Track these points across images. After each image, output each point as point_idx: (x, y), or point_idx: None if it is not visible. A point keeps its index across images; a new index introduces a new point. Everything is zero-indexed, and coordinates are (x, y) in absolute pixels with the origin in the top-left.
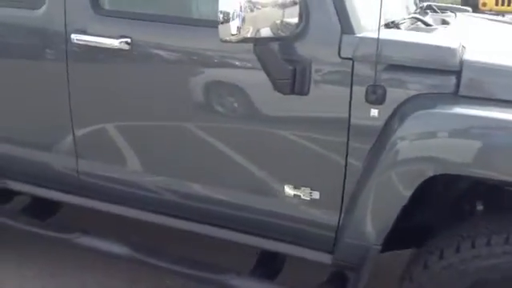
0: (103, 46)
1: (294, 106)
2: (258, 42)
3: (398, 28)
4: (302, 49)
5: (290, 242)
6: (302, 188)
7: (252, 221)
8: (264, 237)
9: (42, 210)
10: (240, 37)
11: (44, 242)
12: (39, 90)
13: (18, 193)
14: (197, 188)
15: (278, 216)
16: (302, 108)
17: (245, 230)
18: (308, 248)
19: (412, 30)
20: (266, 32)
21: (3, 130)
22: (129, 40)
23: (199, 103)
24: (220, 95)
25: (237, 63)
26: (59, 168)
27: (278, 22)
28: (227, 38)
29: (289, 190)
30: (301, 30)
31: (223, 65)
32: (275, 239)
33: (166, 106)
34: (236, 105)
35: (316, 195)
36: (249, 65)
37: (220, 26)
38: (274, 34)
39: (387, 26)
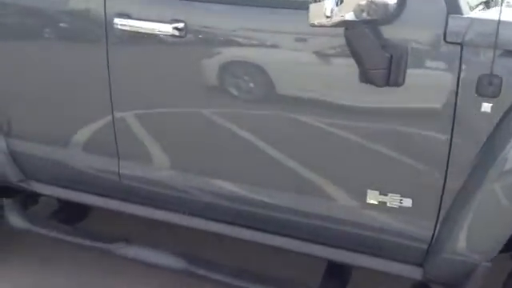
0: (152, 31)
1: (383, 98)
2: (352, 25)
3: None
4: (398, 33)
5: (371, 254)
6: (390, 195)
7: (326, 231)
8: (339, 248)
9: (70, 215)
10: (336, 20)
11: (68, 246)
12: (75, 82)
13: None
14: (262, 194)
15: (358, 226)
16: (393, 101)
17: (316, 240)
18: (391, 261)
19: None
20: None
21: (31, 127)
22: (182, 25)
23: (266, 96)
24: (294, 87)
25: (317, 49)
26: (98, 170)
27: (365, 2)
28: (319, 22)
29: (372, 197)
30: (397, 11)
31: (299, 52)
32: (353, 251)
33: (226, 100)
34: (313, 98)
35: (407, 203)
36: (331, 52)
37: (311, 7)
38: (356, 16)
39: (487, 5)
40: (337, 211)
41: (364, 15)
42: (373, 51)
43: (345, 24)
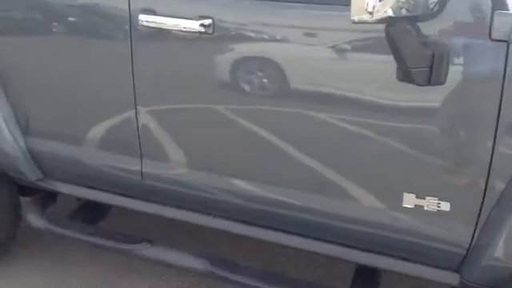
0: (178, 28)
1: (421, 97)
2: (395, 22)
3: None
4: (440, 30)
5: (404, 259)
6: (427, 198)
7: (358, 234)
8: (371, 252)
9: (89, 214)
10: (378, 16)
11: (84, 244)
12: (97, 79)
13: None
14: (292, 196)
15: (392, 229)
16: (433, 100)
17: (347, 243)
18: (426, 266)
19: None
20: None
21: (51, 125)
22: (210, 21)
23: (296, 94)
24: (328, 85)
25: (355, 46)
26: (119, 169)
27: None
28: (360, 18)
29: (409, 200)
30: (439, 7)
31: (333, 49)
32: (385, 255)
33: (254, 99)
34: (349, 96)
35: (445, 207)
36: (367, 48)
37: (353, 2)
38: (395, 13)
39: None
40: (370, 214)
41: (403, 12)
42: (415, 49)
43: (388, 20)
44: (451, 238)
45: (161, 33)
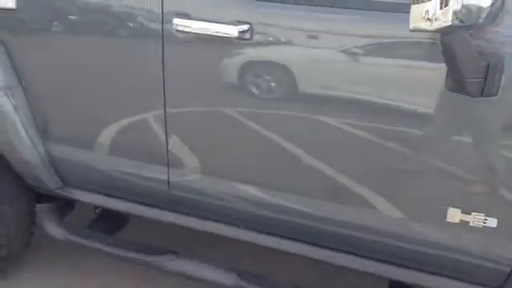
0: (215, 33)
1: (471, 109)
2: (454, 31)
3: None
4: (494, 39)
5: (444, 276)
6: (473, 213)
7: (399, 250)
8: (410, 268)
9: (108, 223)
10: (438, 24)
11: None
12: (125, 84)
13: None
14: (328, 209)
15: (434, 245)
16: (483, 112)
17: (386, 259)
18: (467, 283)
19: None
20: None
21: (72, 131)
22: (247, 26)
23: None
24: (369, 93)
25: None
26: (145, 178)
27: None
28: (417, 26)
29: (453, 216)
30: (492, 15)
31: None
32: (425, 272)
33: (295, 106)
34: (395, 106)
35: (492, 223)
36: (412, 56)
37: (412, 9)
38: (454, 21)
39: None
40: (410, 229)
41: (459, 21)
42: (472, 59)
43: (447, 29)
44: (496, 255)
45: (195, 37)
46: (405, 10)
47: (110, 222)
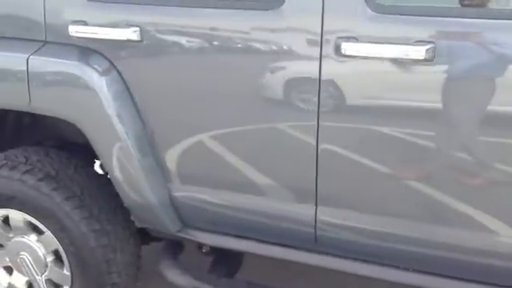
0: (386, 56)
1: None
2: None
3: None
4: None
5: None
6: None
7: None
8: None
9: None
10: None
11: None
12: (265, 112)
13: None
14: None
15: None
16: None
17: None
18: None
19: None
20: None
21: (202, 170)
22: (430, 46)
23: None
24: None
25: None
26: (285, 218)
27: None
28: None
29: None
30: None
31: None
32: None
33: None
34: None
35: None
36: None
37: None
38: None
39: None
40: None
41: None
42: None
43: None
44: None
45: (362, 61)
46: None
47: (227, 264)
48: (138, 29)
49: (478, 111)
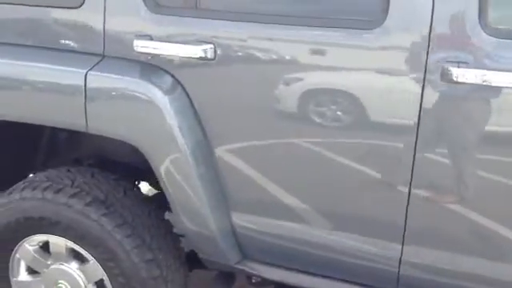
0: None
1: None
2: None
3: None
4: None
5: None
6: None
7: None
8: None
9: None
10: None
11: None
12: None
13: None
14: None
15: None
16: None
17: None
18: None
19: None
20: None
21: (269, 199)
22: None
23: None
24: None
25: None
26: (365, 255)
27: None
28: None
29: None
30: None
31: None
32: None
33: None
34: None
35: None
36: None
37: None
38: None
39: None
40: None
41: None
42: None
43: None
44: None
45: (477, 89)
46: None
47: None
48: (211, 46)
49: None
